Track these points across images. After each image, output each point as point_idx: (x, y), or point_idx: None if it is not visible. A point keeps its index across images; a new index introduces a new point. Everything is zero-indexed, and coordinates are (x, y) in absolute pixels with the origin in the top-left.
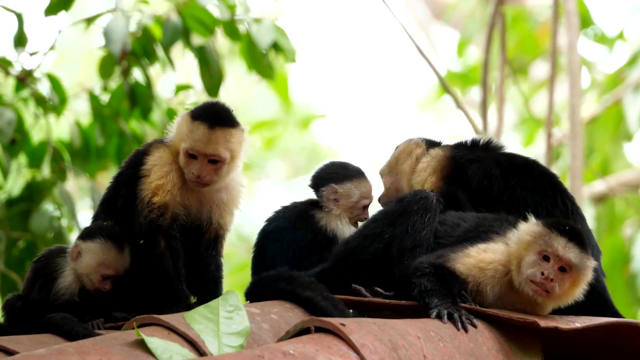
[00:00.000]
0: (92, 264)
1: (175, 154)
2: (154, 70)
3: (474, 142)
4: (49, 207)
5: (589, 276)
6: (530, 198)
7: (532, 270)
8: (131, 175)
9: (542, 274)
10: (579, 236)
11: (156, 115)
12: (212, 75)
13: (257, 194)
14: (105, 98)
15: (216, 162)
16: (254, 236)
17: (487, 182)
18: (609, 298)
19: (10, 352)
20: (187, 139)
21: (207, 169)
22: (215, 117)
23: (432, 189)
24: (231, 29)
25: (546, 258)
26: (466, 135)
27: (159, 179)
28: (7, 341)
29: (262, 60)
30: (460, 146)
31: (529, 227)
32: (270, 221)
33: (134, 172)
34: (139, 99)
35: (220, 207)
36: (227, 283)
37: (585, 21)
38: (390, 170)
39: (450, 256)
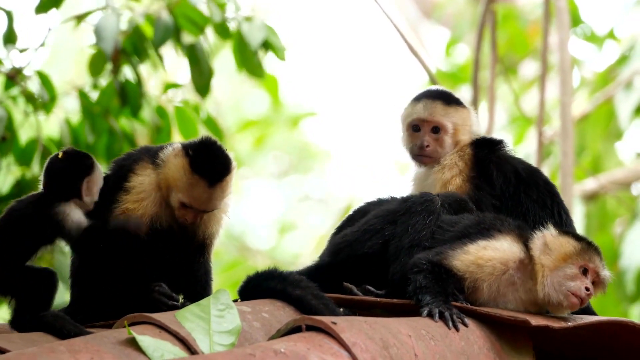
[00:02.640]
0: None
1: (161, 182)
2: (145, 68)
3: (491, 142)
4: None
5: (603, 292)
6: (531, 208)
7: (576, 284)
8: (115, 184)
9: (587, 289)
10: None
11: (146, 113)
12: (202, 74)
13: (247, 192)
14: (94, 96)
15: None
16: (244, 236)
17: (505, 188)
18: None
19: (1, 351)
20: (184, 192)
21: (200, 215)
22: (215, 173)
23: (457, 190)
24: (222, 27)
25: (584, 272)
26: None
27: (132, 203)
28: None
29: (252, 59)
30: (480, 144)
31: (561, 237)
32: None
33: (118, 182)
34: (129, 97)
35: (206, 219)
36: (217, 281)
37: (575, 20)
38: (453, 127)
39: (449, 253)
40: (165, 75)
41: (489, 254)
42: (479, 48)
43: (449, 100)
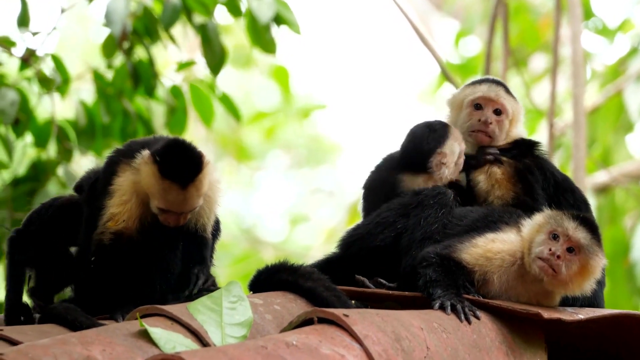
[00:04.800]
0: None
1: (139, 187)
2: (158, 49)
3: (529, 142)
4: (53, 187)
5: (597, 266)
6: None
7: (541, 248)
8: (102, 187)
9: (550, 250)
10: (592, 225)
11: (160, 92)
12: (214, 53)
13: (258, 185)
14: (109, 75)
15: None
16: (254, 228)
17: (546, 188)
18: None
19: (13, 342)
20: (160, 199)
21: (183, 217)
22: (185, 175)
23: (505, 192)
24: (232, 5)
25: (556, 237)
26: None
27: (116, 207)
28: (11, 331)
29: (264, 35)
30: (517, 143)
31: (542, 213)
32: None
33: (104, 185)
34: (142, 77)
35: (197, 213)
36: (228, 274)
37: (587, 13)
38: (512, 114)
39: (458, 246)
40: (181, 54)
41: (498, 246)
42: (491, 39)
43: (508, 90)
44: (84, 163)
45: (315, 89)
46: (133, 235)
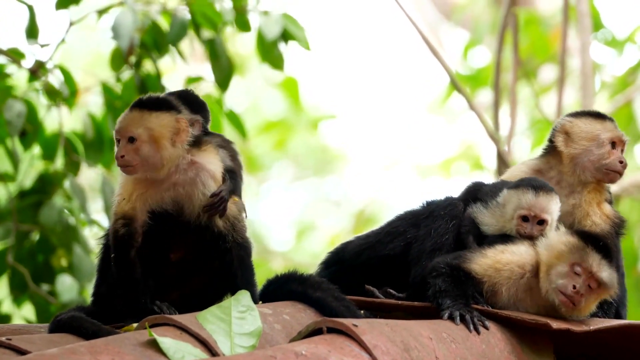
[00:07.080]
0: None
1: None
2: (167, 62)
3: None
4: (59, 200)
5: (611, 294)
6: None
7: (564, 282)
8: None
9: (574, 287)
10: (610, 254)
11: None
12: (222, 68)
13: (265, 195)
14: (117, 88)
15: (132, 141)
16: (263, 238)
17: None
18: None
19: (22, 352)
20: None
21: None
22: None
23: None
24: (242, 21)
25: (578, 272)
26: (477, 137)
27: (118, 194)
28: (19, 340)
29: (273, 51)
30: None
31: (562, 236)
32: None
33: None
34: (149, 90)
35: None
36: None
37: (596, 24)
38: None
39: (467, 256)
40: (191, 69)
41: (507, 257)
42: (501, 50)
43: None
44: (91, 176)
45: (323, 99)
46: (143, 224)
